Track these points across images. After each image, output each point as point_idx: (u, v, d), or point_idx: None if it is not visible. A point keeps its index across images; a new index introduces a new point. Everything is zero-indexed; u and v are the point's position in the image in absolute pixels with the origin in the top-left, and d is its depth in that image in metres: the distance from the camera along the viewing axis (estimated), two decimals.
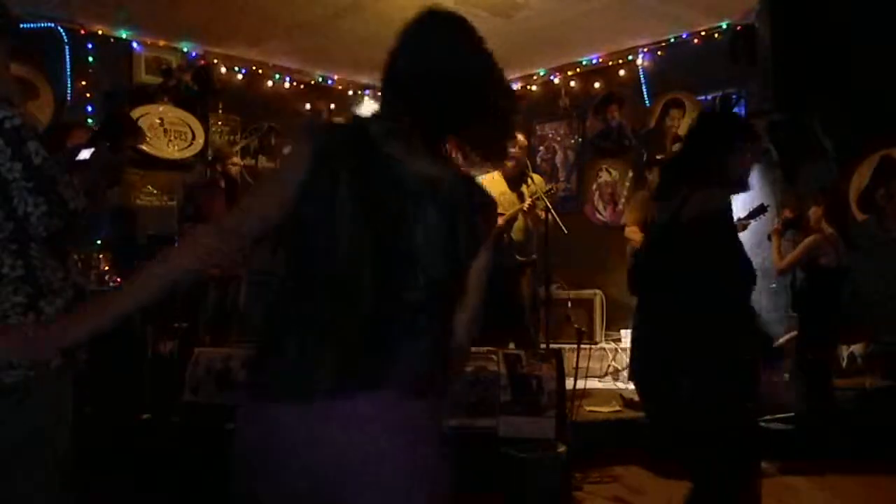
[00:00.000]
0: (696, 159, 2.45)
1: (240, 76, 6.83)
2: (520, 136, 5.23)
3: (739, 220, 4.95)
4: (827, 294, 4.42)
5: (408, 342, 1.29)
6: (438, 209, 1.31)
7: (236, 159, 5.78)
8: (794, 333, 4.90)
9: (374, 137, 1.33)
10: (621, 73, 6.62)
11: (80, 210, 1.78)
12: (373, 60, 1.56)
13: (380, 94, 1.43)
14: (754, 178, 5.99)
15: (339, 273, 1.28)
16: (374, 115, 1.40)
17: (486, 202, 1.43)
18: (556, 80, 7.04)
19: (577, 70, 6.90)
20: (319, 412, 1.23)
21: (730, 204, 2.45)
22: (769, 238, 4.88)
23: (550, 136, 7.30)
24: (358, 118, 1.41)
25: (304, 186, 1.28)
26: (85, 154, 2.03)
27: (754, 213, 4.91)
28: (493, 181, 5.18)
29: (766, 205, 4.96)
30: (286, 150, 1.42)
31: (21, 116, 1.71)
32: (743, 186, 2.52)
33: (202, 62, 6.50)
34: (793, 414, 4.45)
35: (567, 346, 4.69)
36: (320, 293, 1.28)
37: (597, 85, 6.80)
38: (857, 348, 5.05)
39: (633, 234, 5.08)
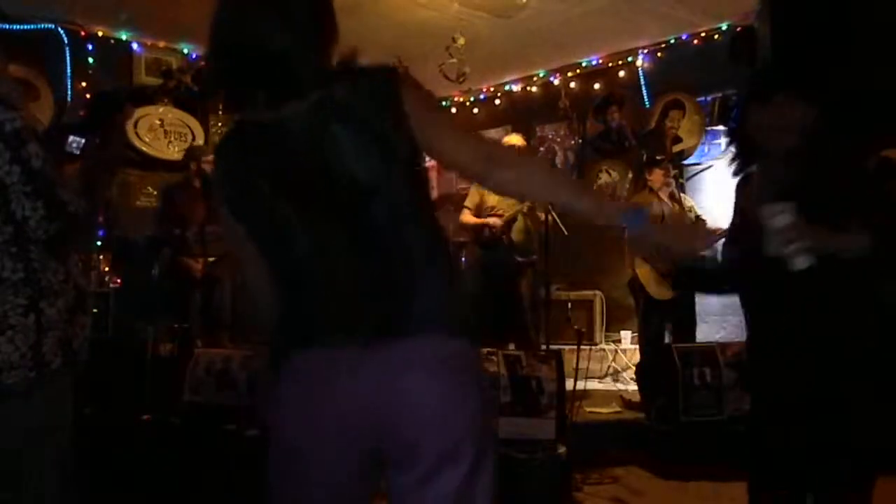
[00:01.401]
0: None
1: None
2: (519, 138, 5.24)
3: None
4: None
5: (409, 274, 1.27)
6: (343, 124, 1.25)
7: (211, 157, 5.64)
8: None
9: (245, 118, 1.33)
10: (621, 74, 6.62)
11: (81, 213, 1.77)
12: (373, 60, 1.55)
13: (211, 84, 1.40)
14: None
15: (310, 251, 1.28)
16: (230, 109, 1.38)
17: (387, 75, 1.32)
18: (556, 82, 7.04)
19: (578, 71, 6.90)
20: (358, 357, 1.24)
21: None
22: None
23: (550, 137, 7.30)
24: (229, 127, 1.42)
25: (245, 218, 1.32)
26: (74, 146, 2.01)
27: None
28: None
29: None
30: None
31: (22, 119, 1.70)
32: None
33: (202, 63, 6.49)
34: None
35: (567, 347, 4.69)
36: (304, 269, 1.30)
37: (597, 86, 6.80)
38: None
39: None
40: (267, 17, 1.25)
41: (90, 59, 5.96)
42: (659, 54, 6.36)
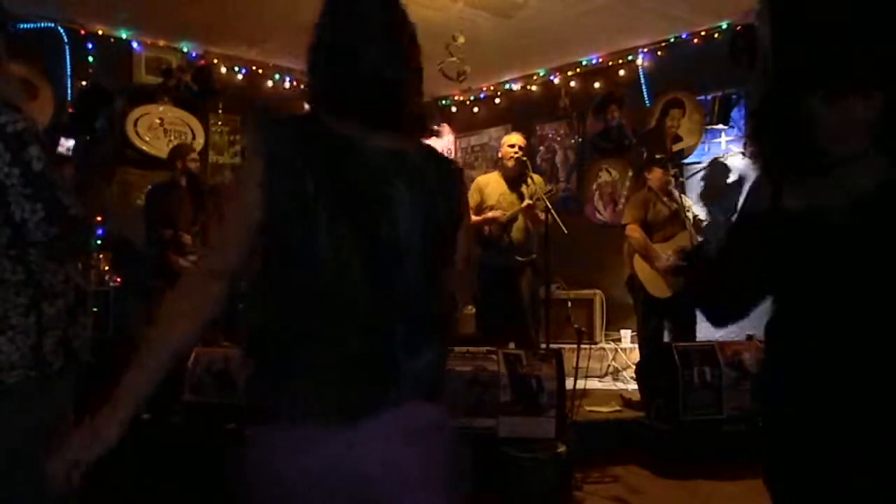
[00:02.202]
0: None
1: (240, 76, 6.83)
2: (520, 137, 5.23)
3: None
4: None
5: (414, 340, 1.27)
6: (409, 183, 1.29)
7: (195, 155, 5.49)
8: None
9: (326, 122, 1.30)
10: (621, 73, 6.62)
11: (81, 216, 1.76)
12: None
13: (307, 79, 1.37)
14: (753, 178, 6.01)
15: (329, 279, 1.23)
16: (318, 101, 1.35)
17: (454, 168, 1.44)
18: (557, 80, 7.04)
19: (578, 70, 6.89)
20: (345, 431, 1.21)
21: None
22: None
23: (550, 136, 7.30)
24: (306, 110, 1.37)
25: (268, 200, 1.24)
26: (64, 150, 2.00)
27: None
28: (493, 181, 5.19)
29: None
30: (240, 169, 1.35)
31: (24, 120, 1.70)
32: None
33: (202, 62, 6.50)
34: None
35: (567, 346, 4.69)
36: (314, 304, 1.24)
37: (597, 85, 6.80)
38: None
39: (633, 231, 5.07)
40: (391, 52, 1.32)
41: (90, 58, 5.96)
42: (659, 53, 6.36)
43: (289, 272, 1.26)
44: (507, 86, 7.45)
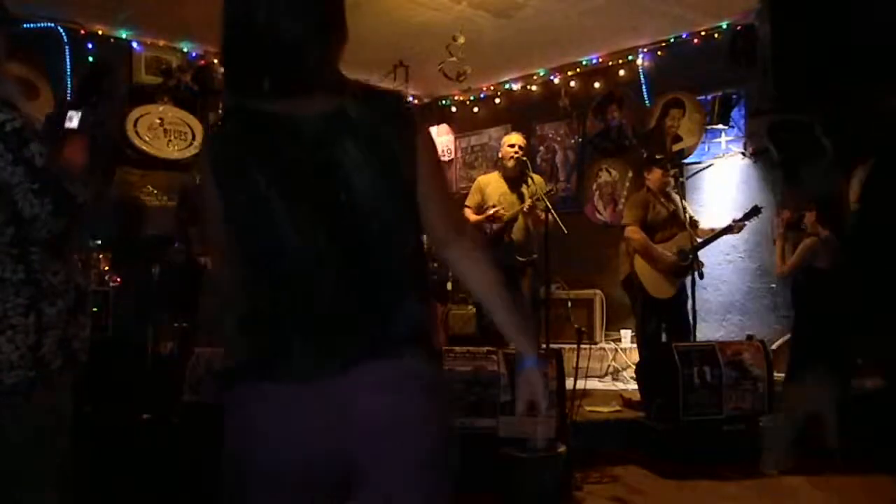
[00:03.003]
0: None
1: None
2: (519, 136, 5.23)
3: (734, 221, 4.97)
4: (819, 295, 4.43)
5: (384, 297, 1.27)
6: (355, 141, 1.25)
7: None
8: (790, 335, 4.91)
9: (249, 107, 1.28)
10: (621, 73, 6.62)
11: (88, 201, 1.78)
12: (373, 60, 1.56)
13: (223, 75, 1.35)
14: (754, 179, 6.02)
15: (294, 256, 1.25)
16: (233, 92, 1.33)
17: (397, 100, 1.35)
18: (557, 80, 7.04)
19: (578, 70, 6.89)
20: (309, 390, 1.23)
21: None
22: (774, 242, 4.90)
23: (550, 136, 7.29)
24: (228, 102, 1.36)
25: (228, 209, 1.27)
26: (74, 122, 2.02)
27: (749, 215, 4.92)
28: (493, 182, 5.19)
29: (759, 206, 4.96)
30: (201, 186, 1.39)
31: (22, 118, 1.70)
32: None
33: (202, 62, 6.50)
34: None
35: (567, 346, 4.69)
36: (281, 277, 1.27)
37: (597, 85, 6.79)
38: None
39: (634, 233, 5.07)
40: (280, 5, 1.24)
41: (90, 58, 5.95)
42: (659, 53, 6.36)
43: (259, 258, 1.29)
44: (507, 86, 7.44)
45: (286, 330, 1.26)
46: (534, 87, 7.27)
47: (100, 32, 6.02)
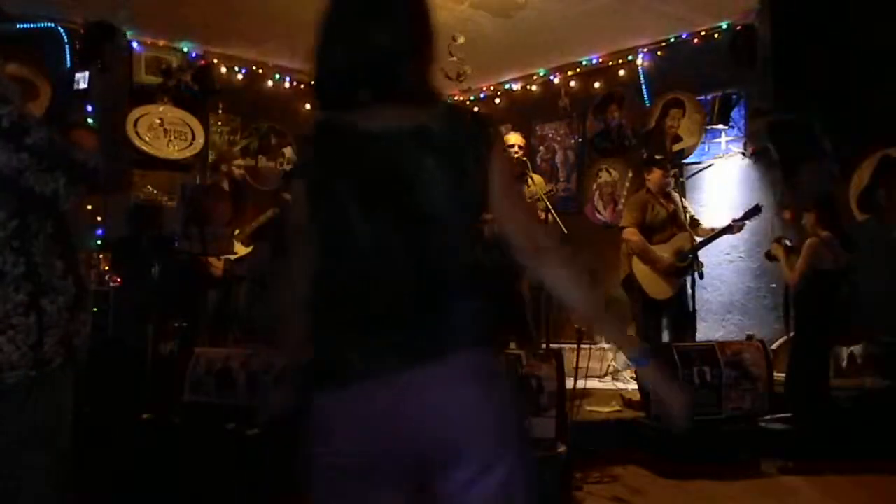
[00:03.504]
0: None
1: (240, 76, 6.82)
2: (519, 136, 5.23)
3: (734, 220, 4.97)
4: (822, 295, 4.43)
5: (455, 294, 1.34)
6: (435, 157, 1.32)
7: (240, 161, 5.82)
8: (792, 334, 4.91)
9: (336, 120, 1.36)
10: (621, 73, 6.62)
11: (101, 165, 1.83)
12: None
13: (313, 84, 1.42)
14: (754, 179, 6.02)
15: (370, 262, 1.32)
16: (324, 104, 1.41)
17: (477, 118, 1.43)
18: (557, 80, 7.04)
19: (578, 70, 6.89)
20: (394, 383, 1.29)
21: None
22: (768, 258, 4.90)
23: (550, 136, 7.29)
24: (318, 113, 1.42)
25: (312, 209, 1.36)
26: (82, 82, 2.06)
27: (749, 214, 4.92)
28: None
29: (760, 205, 4.96)
30: (290, 190, 1.51)
31: (17, 108, 1.72)
32: None
33: (202, 62, 6.50)
34: (792, 414, 4.45)
35: (567, 346, 4.69)
36: (357, 282, 1.34)
37: (597, 85, 6.79)
38: (856, 348, 5.05)
39: (632, 235, 5.08)
40: (375, 19, 1.33)
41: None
42: (659, 53, 6.36)
43: (335, 264, 1.36)
44: (507, 86, 7.44)
45: (361, 327, 1.33)
46: (534, 87, 7.27)
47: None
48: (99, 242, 5.65)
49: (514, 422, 1.38)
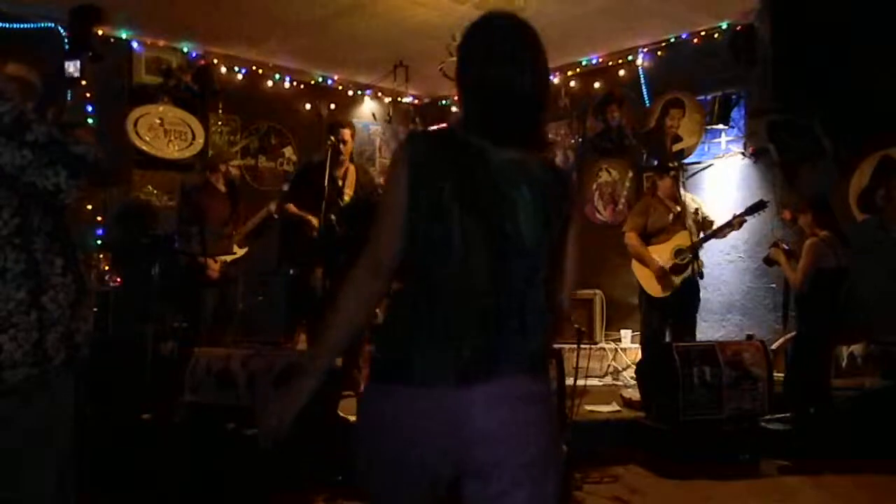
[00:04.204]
0: None
1: (240, 76, 6.82)
2: None
3: (735, 216, 4.97)
4: (825, 295, 4.43)
5: (525, 324, 1.45)
6: (530, 188, 1.47)
7: (237, 161, 5.81)
8: (792, 334, 4.91)
9: (463, 138, 1.49)
10: (621, 73, 6.62)
11: (101, 157, 1.83)
12: (373, 60, 1.59)
13: (457, 98, 1.58)
14: (754, 179, 6.03)
15: (460, 267, 1.42)
16: (460, 119, 1.55)
17: (567, 176, 1.64)
18: (556, 80, 7.03)
19: (577, 70, 6.89)
20: (464, 392, 1.39)
21: None
22: (767, 263, 4.90)
23: (550, 136, 7.29)
24: (448, 126, 1.64)
25: (413, 203, 1.44)
26: (72, 69, 2.06)
27: (752, 210, 4.91)
28: None
29: (765, 201, 4.95)
30: (388, 176, 1.57)
31: (16, 105, 1.73)
32: None
33: (202, 62, 6.50)
34: (792, 414, 4.45)
35: (567, 346, 4.69)
36: (446, 286, 1.43)
37: (597, 85, 6.80)
38: (856, 348, 5.05)
39: (631, 239, 5.18)
40: (522, 67, 1.52)
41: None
42: (659, 53, 6.36)
43: (426, 260, 1.45)
44: None
45: (448, 335, 1.42)
46: None
47: (100, 32, 6.00)
48: (99, 242, 5.65)
49: (554, 444, 1.51)
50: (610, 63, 6.69)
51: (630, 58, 6.52)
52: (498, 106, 1.49)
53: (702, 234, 5.05)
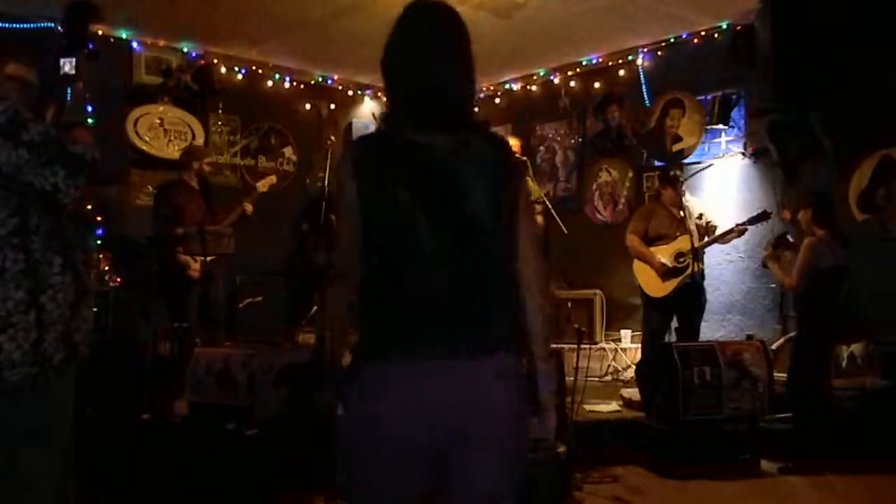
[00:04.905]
0: None
1: (240, 76, 6.82)
2: (516, 141, 5.26)
3: (737, 225, 4.98)
4: (824, 294, 4.42)
5: (490, 300, 1.53)
6: (473, 165, 1.53)
7: (209, 159, 5.70)
8: (792, 334, 4.91)
9: (399, 133, 1.56)
10: (621, 73, 6.62)
11: (97, 156, 1.83)
12: (373, 60, 1.60)
13: (386, 94, 1.64)
14: (755, 179, 6.03)
15: (426, 256, 1.49)
16: (385, 115, 1.62)
17: (505, 145, 1.65)
18: (557, 80, 7.04)
19: (577, 70, 6.89)
20: (424, 369, 1.49)
21: None
22: (764, 265, 4.91)
23: (550, 136, 7.29)
24: (377, 127, 1.63)
25: (363, 205, 1.51)
26: (68, 67, 2.05)
27: (755, 220, 4.92)
28: None
29: (769, 212, 4.96)
30: (337, 186, 1.80)
31: (10, 104, 1.73)
32: None
33: (202, 62, 6.50)
34: (792, 414, 4.45)
35: (567, 346, 4.69)
36: (410, 279, 1.50)
37: (597, 85, 6.79)
38: (856, 348, 5.04)
39: (630, 241, 5.21)
40: (450, 67, 1.59)
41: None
42: (659, 53, 6.36)
43: (389, 254, 1.52)
44: (507, 86, 7.44)
45: (414, 316, 1.51)
46: (534, 87, 7.27)
47: (100, 32, 6.01)
48: (99, 242, 5.64)
49: (524, 417, 1.63)
50: (610, 63, 6.69)
51: (630, 58, 6.52)
52: (419, 99, 1.56)
53: (705, 239, 5.07)
